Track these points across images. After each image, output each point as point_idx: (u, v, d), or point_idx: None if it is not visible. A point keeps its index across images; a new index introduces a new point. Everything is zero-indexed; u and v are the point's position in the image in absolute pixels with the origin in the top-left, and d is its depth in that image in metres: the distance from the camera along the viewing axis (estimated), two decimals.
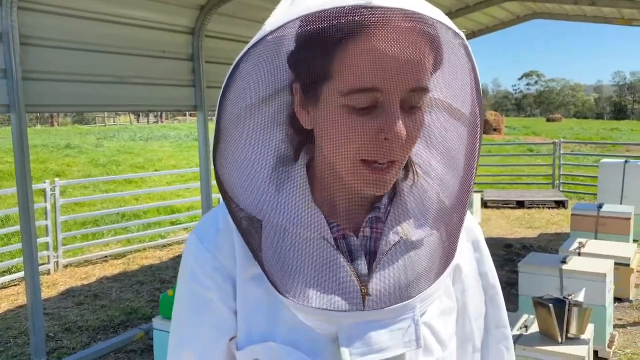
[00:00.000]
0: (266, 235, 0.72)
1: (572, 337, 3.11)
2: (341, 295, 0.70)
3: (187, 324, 0.78)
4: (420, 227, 0.75)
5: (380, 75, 0.62)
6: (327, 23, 0.61)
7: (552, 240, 7.61)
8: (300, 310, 0.70)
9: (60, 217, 6.90)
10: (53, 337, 4.66)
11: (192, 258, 0.78)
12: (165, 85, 4.76)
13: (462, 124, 0.74)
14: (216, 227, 0.78)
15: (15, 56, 3.51)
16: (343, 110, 0.65)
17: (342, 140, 0.66)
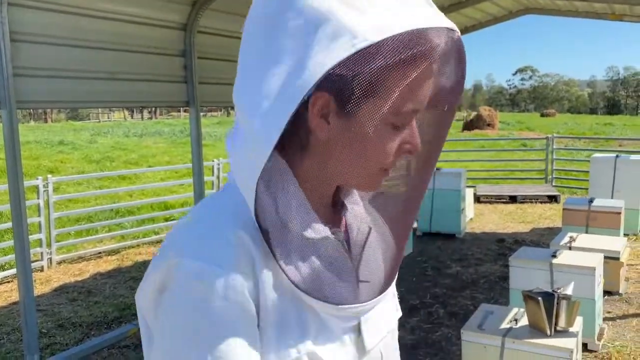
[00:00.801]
0: (286, 243, 0.70)
1: (560, 329, 3.14)
2: (356, 289, 0.75)
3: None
4: (374, 217, 0.82)
5: (426, 96, 0.68)
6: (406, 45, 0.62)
7: (544, 234, 7.66)
8: (327, 310, 0.72)
9: (54, 213, 6.89)
10: (46, 334, 4.67)
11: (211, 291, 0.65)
12: (157, 81, 4.76)
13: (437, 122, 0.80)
14: (230, 244, 0.68)
15: (5, 52, 3.50)
16: (384, 125, 0.68)
17: (373, 151, 0.69)
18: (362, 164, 0.70)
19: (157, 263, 0.70)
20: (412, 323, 4.75)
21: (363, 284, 0.76)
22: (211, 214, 0.72)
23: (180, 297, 0.66)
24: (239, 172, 0.71)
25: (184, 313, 0.66)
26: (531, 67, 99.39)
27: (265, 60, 0.66)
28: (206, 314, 0.65)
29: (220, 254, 0.67)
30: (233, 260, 0.67)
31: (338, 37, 0.62)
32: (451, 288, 5.61)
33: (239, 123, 0.72)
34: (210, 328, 0.65)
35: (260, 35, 0.68)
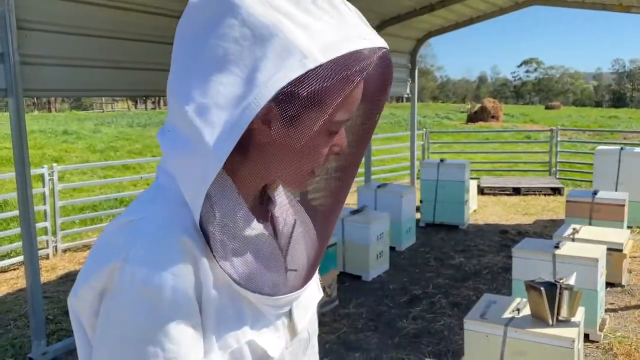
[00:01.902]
0: (227, 244, 0.73)
1: (562, 319, 3.16)
2: (290, 279, 0.80)
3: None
4: (295, 209, 0.88)
5: (355, 107, 0.75)
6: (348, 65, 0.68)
7: (548, 226, 7.67)
8: (263, 301, 0.76)
9: (59, 202, 6.93)
10: (53, 320, 4.72)
11: (159, 292, 0.67)
12: (163, 71, 4.76)
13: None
14: (176, 249, 0.69)
15: (12, 40, 3.52)
16: (322, 131, 0.73)
17: (308, 154, 0.75)
18: (298, 166, 0.76)
19: (96, 266, 0.70)
20: (414, 313, 4.78)
21: (293, 273, 0.81)
22: (152, 216, 0.71)
23: (127, 302, 0.67)
24: (183, 180, 0.71)
25: (133, 318, 0.67)
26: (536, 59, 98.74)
27: (208, 64, 0.68)
28: (156, 317, 0.67)
29: (166, 259, 0.68)
30: (178, 264, 0.68)
31: (288, 55, 0.66)
32: (454, 279, 5.64)
33: (175, 123, 0.72)
34: (160, 331, 0.67)
35: (199, 37, 0.70)
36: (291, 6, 0.68)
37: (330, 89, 0.68)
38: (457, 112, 35.30)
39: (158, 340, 0.67)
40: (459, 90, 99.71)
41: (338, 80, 0.67)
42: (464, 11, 8.06)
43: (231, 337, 0.75)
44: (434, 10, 7.44)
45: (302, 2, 0.69)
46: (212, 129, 0.66)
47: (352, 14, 0.73)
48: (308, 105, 0.68)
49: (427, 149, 11.93)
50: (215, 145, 0.66)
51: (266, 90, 0.65)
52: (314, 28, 0.68)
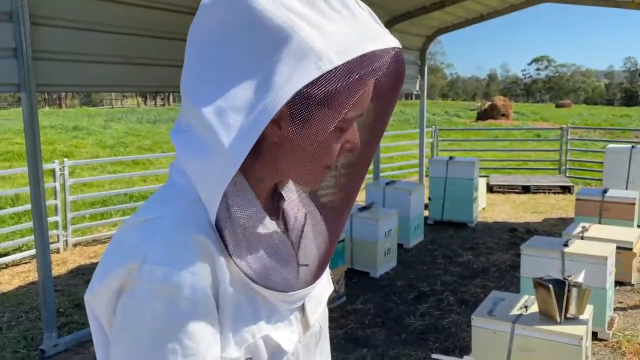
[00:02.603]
0: (241, 241, 0.74)
1: (571, 317, 3.16)
2: (302, 274, 0.82)
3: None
4: (308, 206, 0.88)
5: (368, 103, 0.76)
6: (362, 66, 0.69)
7: (557, 224, 7.64)
8: (279, 297, 0.79)
9: (69, 197, 7.00)
10: (63, 313, 4.78)
11: (178, 294, 0.68)
12: (174, 67, 4.79)
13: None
14: (192, 247, 0.71)
15: (25, 36, 3.56)
16: (334, 130, 0.74)
17: (321, 153, 0.75)
18: (310, 164, 0.76)
19: (113, 265, 0.71)
20: (422, 309, 4.79)
21: (305, 268, 0.82)
22: (168, 215, 0.73)
23: (146, 300, 0.68)
24: (199, 180, 0.72)
25: (151, 315, 0.68)
26: (547, 57, 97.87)
27: (224, 67, 0.69)
28: (175, 315, 0.68)
29: (183, 258, 0.69)
30: (196, 263, 0.70)
31: (304, 57, 0.66)
32: (462, 276, 5.63)
33: (190, 123, 0.73)
34: (179, 328, 0.68)
35: (214, 39, 0.71)
36: (305, 7, 0.69)
37: (344, 90, 0.68)
38: (467, 110, 35.14)
39: (177, 337, 0.68)
40: (469, 87, 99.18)
41: (352, 82, 0.68)
42: (474, 8, 8.03)
43: (247, 333, 0.76)
44: (444, 6, 7.42)
45: (315, 3, 0.69)
46: (229, 131, 0.67)
47: (364, 13, 0.73)
48: (322, 106, 0.69)
49: (436, 146, 11.90)
50: (231, 147, 0.67)
51: (282, 93, 0.66)
52: (327, 30, 0.68)
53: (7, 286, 5.55)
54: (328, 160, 0.77)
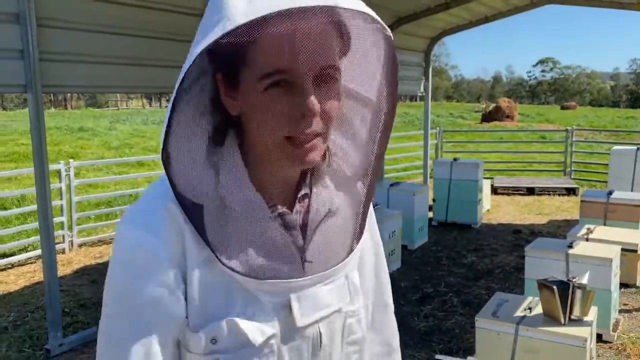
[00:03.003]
0: (212, 218, 0.77)
1: (575, 318, 3.15)
2: (285, 266, 0.80)
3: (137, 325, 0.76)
4: (340, 198, 0.87)
5: (286, 58, 0.71)
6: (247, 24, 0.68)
7: (561, 226, 7.61)
8: (254, 285, 0.78)
9: (75, 197, 7.03)
10: (69, 313, 4.80)
11: (138, 249, 0.75)
12: (179, 68, 4.81)
13: (366, 108, 0.84)
14: (161, 216, 0.76)
15: (32, 37, 3.59)
16: (263, 94, 0.73)
17: (265, 121, 0.74)
18: (265, 131, 0.74)
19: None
20: (425, 311, 4.78)
21: (293, 261, 0.80)
22: (152, 190, 0.81)
23: (115, 259, 0.77)
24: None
25: (114, 271, 0.78)
26: (552, 58, 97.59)
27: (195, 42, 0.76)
28: (130, 273, 0.75)
29: (150, 222, 0.76)
30: (160, 228, 0.75)
31: (218, 22, 0.70)
32: (466, 277, 5.63)
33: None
34: (132, 287, 0.75)
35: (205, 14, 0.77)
36: None
37: (248, 46, 0.70)
38: (472, 112, 35.09)
39: (131, 295, 0.75)
40: (474, 89, 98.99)
41: (255, 37, 0.69)
42: (479, 9, 8.03)
43: (212, 312, 0.77)
44: (449, 8, 7.42)
45: None
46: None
47: None
48: (243, 66, 0.73)
49: (441, 148, 11.89)
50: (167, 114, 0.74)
51: (190, 57, 0.70)
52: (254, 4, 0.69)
53: (13, 286, 5.58)
54: (283, 127, 0.73)
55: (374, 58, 0.79)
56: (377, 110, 0.84)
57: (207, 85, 0.78)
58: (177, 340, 0.79)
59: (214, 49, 0.70)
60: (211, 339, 0.78)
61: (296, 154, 0.76)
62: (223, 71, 0.76)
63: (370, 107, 0.84)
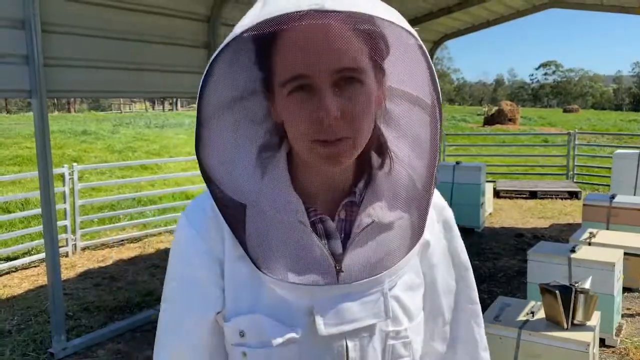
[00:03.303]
0: (249, 218, 0.81)
1: (577, 323, 3.16)
2: (316, 272, 0.79)
3: (178, 301, 0.85)
4: (392, 210, 0.83)
5: (301, 63, 0.72)
6: (267, 28, 0.70)
7: (564, 230, 7.60)
8: (278, 285, 0.79)
9: (79, 201, 7.06)
10: (72, 316, 4.82)
11: (183, 241, 0.85)
12: (181, 73, 4.84)
13: (423, 110, 0.82)
14: (204, 210, 0.84)
15: (37, 43, 3.61)
16: (287, 100, 0.75)
17: (294, 125, 0.76)
18: (294, 135, 0.77)
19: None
20: None
21: (325, 268, 0.79)
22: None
23: (171, 245, 0.88)
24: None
25: (170, 255, 0.88)
26: (555, 61, 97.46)
27: None
28: (176, 258, 0.86)
29: (193, 217, 0.85)
30: (201, 223, 0.84)
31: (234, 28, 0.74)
32: None
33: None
34: (172, 271, 0.86)
35: None
36: None
37: (267, 51, 0.75)
38: (474, 115, 35.05)
39: (173, 277, 0.86)
40: (476, 92, 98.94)
41: (266, 42, 0.74)
42: (481, 14, 8.04)
43: (240, 305, 0.81)
44: (451, 12, 7.44)
45: None
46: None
47: None
48: (266, 71, 0.77)
49: (443, 151, 11.90)
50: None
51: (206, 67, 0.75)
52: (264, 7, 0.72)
53: (17, 289, 5.60)
54: (307, 130, 0.74)
55: (412, 62, 0.77)
56: (428, 114, 0.81)
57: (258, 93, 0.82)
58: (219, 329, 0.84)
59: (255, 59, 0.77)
60: (239, 331, 0.81)
61: (323, 156, 0.76)
62: (262, 78, 0.79)
63: (421, 111, 0.82)
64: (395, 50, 0.77)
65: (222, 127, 0.79)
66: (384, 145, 0.86)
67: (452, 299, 0.96)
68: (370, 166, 0.86)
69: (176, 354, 0.85)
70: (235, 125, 0.81)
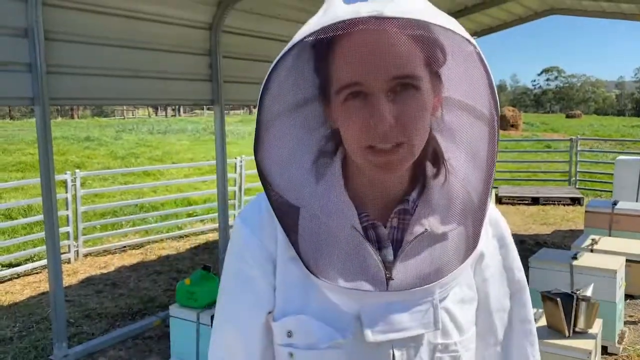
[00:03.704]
0: (303, 221, 0.82)
1: (579, 331, 3.15)
2: (366, 278, 0.79)
3: (232, 298, 0.88)
4: (445, 221, 0.82)
5: (357, 70, 0.72)
6: (326, 34, 0.72)
7: (566, 237, 7.59)
8: (328, 289, 0.79)
9: (81, 207, 7.07)
10: (74, 323, 4.82)
11: (238, 239, 0.88)
12: (183, 80, 4.86)
13: (481, 121, 0.80)
14: (260, 212, 0.86)
15: (40, 51, 3.63)
16: (342, 107, 0.76)
17: (348, 132, 0.77)
18: (349, 141, 0.77)
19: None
20: None
21: (375, 275, 0.79)
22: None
23: (229, 243, 0.91)
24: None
25: (227, 252, 0.90)
26: (557, 67, 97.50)
27: None
28: (230, 258, 0.89)
29: (249, 217, 0.87)
30: (256, 224, 0.86)
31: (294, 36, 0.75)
32: None
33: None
34: (227, 270, 0.89)
35: None
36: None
37: (324, 57, 0.76)
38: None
39: (228, 273, 0.89)
40: None
41: (312, 54, 0.76)
42: (483, 20, 8.06)
43: (289, 305, 0.82)
44: None
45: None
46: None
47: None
48: (324, 77, 0.78)
49: None
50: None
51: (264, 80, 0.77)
52: (330, 11, 0.73)
53: (19, 296, 5.61)
54: (361, 137, 0.74)
55: (471, 71, 0.76)
56: (486, 125, 0.79)
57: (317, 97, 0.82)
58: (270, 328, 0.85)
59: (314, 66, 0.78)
60: (287, 331, 0.82)
61: (377, 163, 0.76)
62: (319, 85, 0.80)
63: (479, 120, 0.80)
64: (453, 59, 0.76)
65: (281, 130, 0.81)
66: (440, 155, 0.84)
67: (505, 317, 0.92)
68: (424, 175, 0.85)
69: (232, 340, 0.87)
70: (293, 130, 0.82)
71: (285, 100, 0.79)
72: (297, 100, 0.81)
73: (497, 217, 0.93)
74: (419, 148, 0.77)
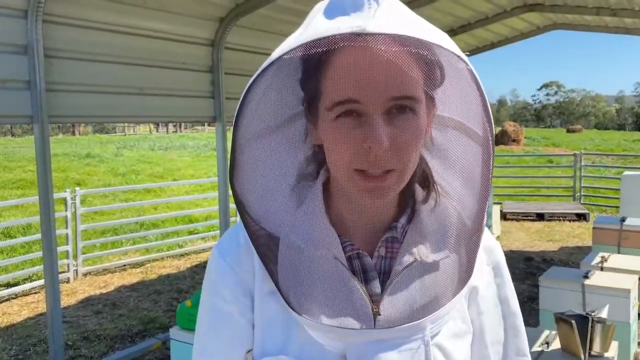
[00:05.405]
0: (282, 252, 0.75)
1: (595, 354, 3.04)
2: (351, 314, 0.72)
3: (208, 336, 0.80)
4: (437, 249, 0.75)
5: (355, 87, 0.66)
6: (315, 50, 0.66)
7: (574, 253, 7.48)
8: (310, 327, 0.72)
9: (81, 225, 6.99)
10: (72, 346, 4.71)
11: (214, 273, 0.81)
12: (185, 97, 4.81)
13: (474, 141, 0.75)
14: (237, 243, 0.80)
15: (39, 69, 3.58)
16: (332, 124, 0.69)
17: (336, 152, 0.70)
18: (335, 162, 0.70)
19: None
20: None
21: (361, 311, 0.72)
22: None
23: (204, 278, 0.84)
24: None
25: (202, 291, 0.84)
26: (557, 82, 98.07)
27: None
28: (207, 290, 0.82)
29: (226, 249, 0.81)
30: (233, 256, 0.79)
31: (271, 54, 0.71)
32: None
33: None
34: (203, 302, 0.82)
35: None
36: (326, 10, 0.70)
37: (316, 72, 0.69)
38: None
39: (205, 308, 0.81)
40: None
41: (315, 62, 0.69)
42: (485, 36, 8.05)
43: (268, 344, 0.75)
44: (455, 34, 7.43)
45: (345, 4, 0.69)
46: None
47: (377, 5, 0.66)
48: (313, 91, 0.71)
49: None
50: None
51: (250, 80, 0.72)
52: (312, 26, 0.69)
53: (16, 317, 5.50)
54: (351, 159, 0.68)
55: (463, 89, 0.71)
56: (479, 145, 0.74)
57: (301, 115, 0.77)
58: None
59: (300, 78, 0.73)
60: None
61: (366, 187, 0.69)
62: (305, 100, 0.74)
63: (472, 139, 0.75)
64: (446, 76, 0.71)
65: (258, 153, 0.75)
66: (429, 177, 0.79)
67: (500, 349, 0.86)
68: (414, 200, 0.78)
69: None
70: (271, 151, 0.76)
71: (263, 120, 0.74)
72: (275, 120, 0.75)
73: (491, 243, 0.87)
74: (410, 174, 0.72)
